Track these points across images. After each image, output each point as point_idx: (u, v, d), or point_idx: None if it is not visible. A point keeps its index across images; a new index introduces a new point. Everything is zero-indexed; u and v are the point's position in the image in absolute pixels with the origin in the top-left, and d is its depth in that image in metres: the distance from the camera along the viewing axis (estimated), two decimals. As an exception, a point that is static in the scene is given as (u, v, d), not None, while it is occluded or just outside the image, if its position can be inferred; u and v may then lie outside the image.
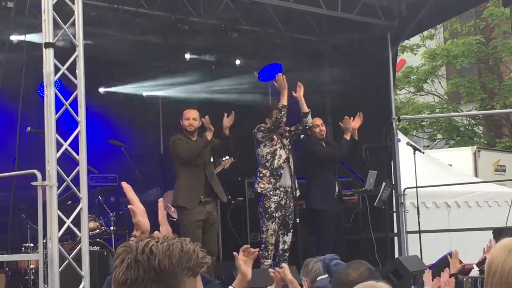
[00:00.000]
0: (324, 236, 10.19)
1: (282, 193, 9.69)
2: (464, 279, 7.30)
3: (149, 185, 12.20)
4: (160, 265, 2.22)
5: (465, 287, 6.92)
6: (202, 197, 9.23)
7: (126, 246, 2.31)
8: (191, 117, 9.30)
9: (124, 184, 3.29)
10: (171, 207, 10.24)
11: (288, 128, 9.90)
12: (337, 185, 10.47)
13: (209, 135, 9.25)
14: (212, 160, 9.72)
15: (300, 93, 9.84)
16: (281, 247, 9.73)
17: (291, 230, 9.82)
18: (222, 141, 9.40)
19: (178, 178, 9.37)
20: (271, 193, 9.60)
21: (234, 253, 4.79)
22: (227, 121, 9.38)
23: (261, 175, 9.70)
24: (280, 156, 9.71)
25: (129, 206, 3.27)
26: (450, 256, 7.68)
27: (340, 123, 10.51)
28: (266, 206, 9.61)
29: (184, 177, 9.28)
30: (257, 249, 4.89)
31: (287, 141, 9.86)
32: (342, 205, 10.57)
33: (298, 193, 9.85)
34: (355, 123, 10.49)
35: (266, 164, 9.69)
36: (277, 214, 9.61)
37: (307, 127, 10.00)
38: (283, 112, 9.55)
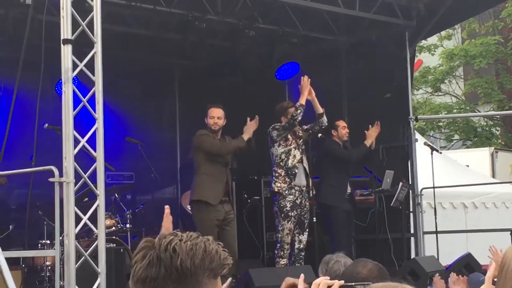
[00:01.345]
0: (334, 233, 10.20)
1: (297, 192, 9.66)
2: None
3: (165, 184, 12.23)
4: (182, 265, 2.19)
5: None
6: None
7: (148, 241, 2.27)
8: (216, 115, 9.19)
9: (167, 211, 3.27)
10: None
11: (305, 127, 9.89)
12: (348, 186, 10.45)
13: (245, 137, 9.26)
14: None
15: (312, 95, 9.80)
16: (296, 246, 9.70)
17: (307, 230, 9.79)
18: (246, 144, 9.37)
19: (199, 172, 9.21)
20: (286, 192, 9.58)
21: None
22: (251, 125, 9.33)
23: (277, 174, 9.68)
24: (295, 156, 9.69)
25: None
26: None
27: (366, 131, 10.48)
28: (281, 205, 9.59)
29: (206, 172, 9.16)
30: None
31: (301, 141, 9.83)
32: (352, 205, 10.53)
33: (311, 193, 9.82)
34: (373, 131, 10.46)
35: (281, 163, 9.67)
36: (292, 213, 9.58)
37: (323, 127, 9.97)
38: (299, 111, 9.52)
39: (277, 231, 9.68)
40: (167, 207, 3.29)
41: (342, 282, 2.76)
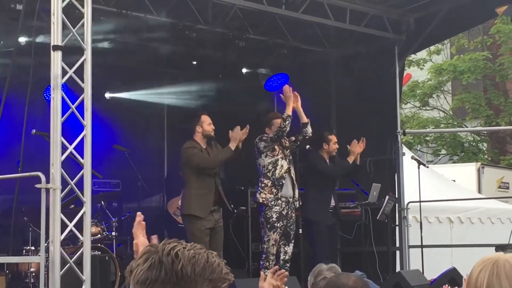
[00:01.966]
0: (316, 247, 10.17)
1: (283, 203, 9.66)
2: None
3: (152, 192, 12.18)
4: (183, 271, 2.21)
5: None
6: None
7: (152, 246, 2.31)
8: (211, 121, 9.25)
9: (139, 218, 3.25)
10: (178, 214, 10.24)
11: (292, 138, 9.89)
12: (333, 198, 10.43)
13: (232, 146, 9.22)
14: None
15: (297, 103, 9.81)
16: (282, 257, 9.68)
17: (293, 241, 9.77)
18: (234, 153, 9.34)
19: (188, 186, 9.22)
20: (272, 203, 9.57)
21: (262, 273, 4.69)
22: (241, 134, 9.33)
23: (263, 185, 9.67)
24: (282, 166, 9.68)
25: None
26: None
27: (348, 145, 10.47)
28: (267, 216, 9.58)
29: (195, 185, 9.15)
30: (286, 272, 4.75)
31: (288, 151, 9.83)
32: (337, 218, 10.51)
33: (298, 204, 9.81)
34: (358, 147, 10.44)
35: (268, 174, 9.66)
36: (278, 224, 9.57)
37: (306, 137, 9.97)
38: (287, 122, 9.53)
39: (263, 242, 9.67)
40: (139, 213, 3.25)
41: None
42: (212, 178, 9.22)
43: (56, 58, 6.52)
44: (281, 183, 9.63)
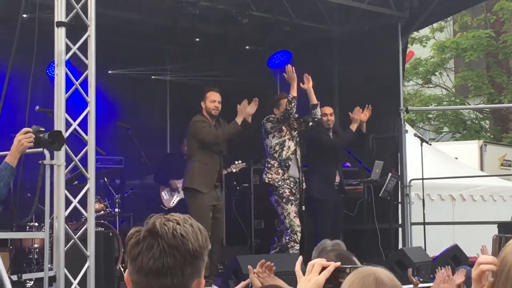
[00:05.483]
0: (321, 224, 10.17)
1: (292, 183, 9.66)
2: (494, 237, 8.45)
3: (155, 169, 12.20)
4: (193, 249, 2.23)
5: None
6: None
7: (146, 231, 2.25)
8: (217, 99, 9.17)
9: None
10: (165, 196, 10.29)
11: (297, 120, 9.82)
12: (338, 174, 10.42)
13: (239, 120, 9.18)
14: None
15: (308, 84, 9.78)
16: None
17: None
18: (242, 129, 9.29)
19: (192, 159, 9.21)
20: (280, 183, 9.56)
21: (249, 267, 4.70)
22: (251, 108, 9.29)
23: (269, 165, 9.67)
24: (289, 147, 9.67)
25: None
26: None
27: (350, 112, 10.45)
28: (280, 192, 9.55)
29: (199, 159, 9.15)
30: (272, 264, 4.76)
31: (296, 132, 9.80)
32: (342, 194, 10.51)
33: (303, 186, 9.80)
34: (363, 115, 10.40)
35: (275, 155, 9.66)
36: (293, 198, 9.57)
37: (315, 119, 9.93)
38: (293, 104, 9.49)
39: (283, 218, 9.57)
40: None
41: (338, 264, 2.70)
42: (217, 155, 9.22)
43: (60, 35, 6.50)
44: (287, 164, 9.63)
